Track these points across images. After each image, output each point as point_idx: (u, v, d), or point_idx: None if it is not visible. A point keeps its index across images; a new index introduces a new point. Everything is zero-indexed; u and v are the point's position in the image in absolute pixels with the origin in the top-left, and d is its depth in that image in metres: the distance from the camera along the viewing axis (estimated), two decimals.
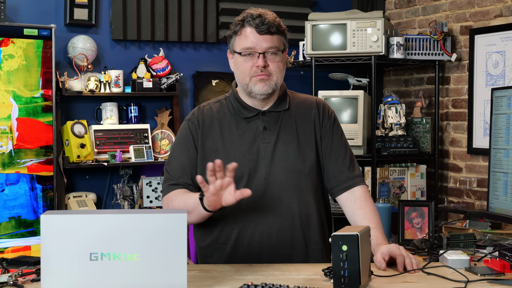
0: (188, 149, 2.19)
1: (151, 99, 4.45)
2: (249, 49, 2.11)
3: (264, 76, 2.11)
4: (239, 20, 2.14)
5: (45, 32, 3.84)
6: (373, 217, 2.13)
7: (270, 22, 2.10)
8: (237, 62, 2.15)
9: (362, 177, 2.25)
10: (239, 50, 2.13)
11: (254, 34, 2.10)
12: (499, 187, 2.27)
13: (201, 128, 2.19)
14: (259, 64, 2.10)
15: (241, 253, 2.13)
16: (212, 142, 2.17)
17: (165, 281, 1.57)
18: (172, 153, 2.25)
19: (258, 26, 2.09)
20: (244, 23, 2.12)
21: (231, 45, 2.18)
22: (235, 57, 2.16)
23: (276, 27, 2.12)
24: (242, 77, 2.15)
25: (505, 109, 2.26)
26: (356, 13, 4.17)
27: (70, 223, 1.56)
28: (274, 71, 2.13)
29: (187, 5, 4.49)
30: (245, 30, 2.12)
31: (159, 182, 4.27)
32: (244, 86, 2.15)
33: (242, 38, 2.12)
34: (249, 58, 2.12)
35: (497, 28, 4.08)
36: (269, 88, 2.13)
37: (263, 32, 2.10)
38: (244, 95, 2.20)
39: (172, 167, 2.21)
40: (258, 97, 2.15)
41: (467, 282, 1.83)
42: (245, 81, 2.14)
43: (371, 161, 4.13)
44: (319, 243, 2.19)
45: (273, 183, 2.13)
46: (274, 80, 2.13)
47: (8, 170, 3.74)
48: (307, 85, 4.35)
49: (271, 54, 2.12)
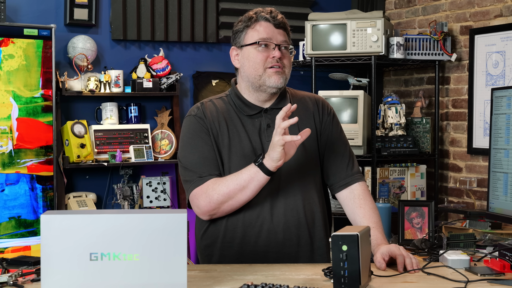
0: (206, 142, 2.15)
1: (151, 99, 4.45)
2: (266, 40, 2.13)
3: (280, 69, 2.13)
4: (251, 14, 2.17)
5: (45, 32, 3.84)
6: (373, 216, 2.13)
7: (281, 19, 2.17)
8: (249, 54, 2.15)
9: (361, 174, 2.26)
10: (254, 40, 2.14)
11: (270, 27, 2.15)
12: (499, 187, 2.27)
13: (209, 123, 2.17)
14: (276, 55, 2.12)
15: (248, 252, 2.13)
16: (221, 138, 2.16)
17: (165, 281, 1.57)
18: (187, 149, 2.17)
19: (274, 19, 2.15)
20: (257, 17, 2.16)
21: (241, 39, 2.17)
22: (246, 50, 2.16)
23: (285, 25, 2.19)
24: (254, 68, 2.14)
25: (505, 109, 2.26)
26: (356, 13, 4.17)
27: (70, 223, 1.56)
28: (287, 64, 2.17)
29: (187, 5, 4.49)
30: (259, 24, 2.15)
31: (159, 182, 4.27)
32: (256, 78, 2.14)
33: (257, 30, 2.15)
34: (264, 49, 2.13)
35: (497, 28, 4.08)
36: (283, 82, 2.15)
37: (277, 26, 2.15)
38: (247, 92, 2.20)
39: (193, 162, 2.13)
40: (269, 90, 2.15)
41: (467, 282, 1.83)
42: (258, 73, 2.14)
43: (371, 161, 4.14)
44: (324, 240, 2.20)
45: (279, 180, 2.13)
46: (286, 74, 2.16)
47: (8, 170, 3.74)
48: (307, 85, 4.35)
49: (284, 48, 2.16)
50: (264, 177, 2.02)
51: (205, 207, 2.08)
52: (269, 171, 2.00)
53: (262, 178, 2.02)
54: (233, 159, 2.13)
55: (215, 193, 2.06)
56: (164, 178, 4.30)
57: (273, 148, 1.96)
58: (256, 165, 2.01)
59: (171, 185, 4.41)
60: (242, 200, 2.07)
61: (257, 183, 2.03)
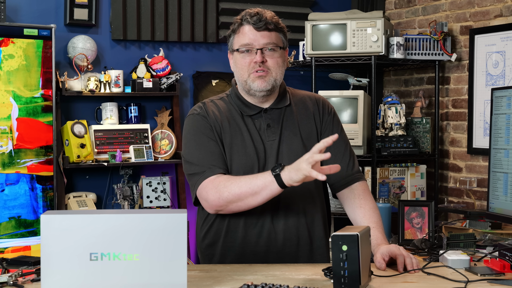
0: (211, 138, 2.14)
1: (151, 99, 4.45)
2: (247, 45, 2.12)
3: (263, 73, 2.12)
4: (237, 19, 2.17)
5: (45, 32, 3.84)
6: (373, 216, 2.13)
7: (267, 19, 2.13)
8: (236, 59, 2.16)
9: (361, 173, 2.25)
10: (237, 47, 2.15)
11: (252, 31, 2.12)
12: (499, 187, 2.27)
13: (212, 122, 2.17)
14: (257, 60, 2.11)
15: (249, 252, 2.13)
16: (224, 137, 2.15)
17: (165, 281, 1.57)
18: (191, 146, 2.15)
19: (255, 23, 2.11)
20: (242, 22, 2.14)
21: (230, 44, 2.19)
22: (234, 55, 2.17)
23: (274, 24, 2.14)
24: (240, 74, 2.15)
25: (505, 109, 2.26)
26: (356, 13, 4.17)
27: (70, 223, 1.56)
28: (272, 66, 2.13)
29: (187, 5, 4.49)
30: (243, 28, 2.14)
31: (159, 182, 4.27)
32: (243, 83, 2.16)
33: (240, 36, 2.14)
34: (247, 54, 2.13)
35: (497, 28, 4.08)
36: (268, 85, 2.13)
37: (261, 28, 2.12)
38: (245, 93, 2.20)
39: (200, 156, 2.11)
40: (257, 94, 2.15)
41: (467, 282, 1.83)
42: (244, 78, 2.15)
43: (371, 161, 4.13)
44: (323, 239, 2.20)
45: None
46: (273, 76, 2.14)
47: (8, 170, 3.74)
48: (307, 85, 4.35)
49: (269, 50, 2.13)
50: (278, 189, 1.98)
51: (214, 201, 2.06)
52: (284, 185, 1.96)
53: (275, 189, 1.98)
54: (235, 158, 2.13)
55: (226, 191, 2.03)
56: (164, 178, 4.30)
57: (296, 170, 1.91)
58: (273, 175, 1.97)
59: (171, 185, 4.41)
60: (251, 204, 2.04)
61: (270, 192, 1.99)
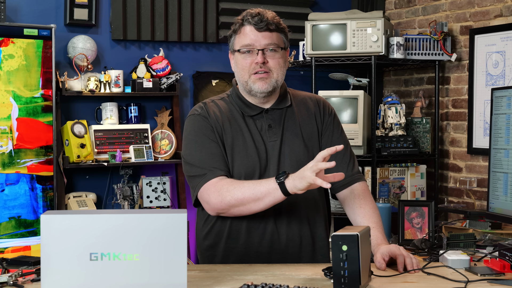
0: (212, 139, 2.13)
1: (151, 99, 4.45)
2: (248, 46, 2.12)
3: (264, 75, 2.12)
4: (238, 19, 2.16)
5: (45, 32, 3.84)
6: (373, 216, 2.13)
7: (269, 19, 2.12)
8: (237, 60, 2.16)
9: (361, 173, 2.26)
10: (238, 47, 2.14)
11: (253, 32, 2.12)
12: (499, 187, 2.27)
13: (213, 122, 2.16)
14: (258, 61, 2.10)
15: (252, 253, 2.14)
16: (225, 138, 2.15)
17: (165, 281, 1.57)
18: (192, 147, 2.14)
19: (257, 23, 2.11)
20: (243, 22, 2.14)
21: (231, 45, 2.19)
22: (235, 55, 2.17)
23: (275, 25, 2.13)
24: (241, 75, 2.15)
25: (505, 109, 2.26)
26: (356, 13, 4.17)
27: (70, 223, 1.56)
28: (274, 67, 2.13)
29: (187, 5, 4.49)
30: (244, 29, 2.13)
31: (159, 182, 4.27)
32: (244, 84, 2.15)
33: (242, 36, 2.13)
34: (248, 55, 2.13)
35: (497, 28, 4.08)
36: (269, 86, 2.13)
37: (262, 29, 2.11)
38: (246, 93, 2.20)
39: (201, 158, 2.11)
40: (258, 95, 2.15)
41: (467, 282, 1.83)
42: (244, 79, 2.14)
43: (371, 161, 4.13)
44: (325, 239, 2.20)
45: None
46: (274, 77, 2.13)
47: (8, 170, 3.74)
48: (307, 85, 4.35)
49: (270, 50, 2.12)
50: (281, 196, 1.97)
51: (216, 204, 2.06)
52: (288, 192, 1.96)
53: (279, 196, 1.98)
54: (237, 159, 2.13)
55: (228, 195, 2.03)
56: (164, 178, 4.30)
57: (301, 178, 1.91)
58: (277, 182, 1.97)
59: (171, 185, 4.41)
60: (253, 210, 2.04)
61: (273, 199, 1.99)
